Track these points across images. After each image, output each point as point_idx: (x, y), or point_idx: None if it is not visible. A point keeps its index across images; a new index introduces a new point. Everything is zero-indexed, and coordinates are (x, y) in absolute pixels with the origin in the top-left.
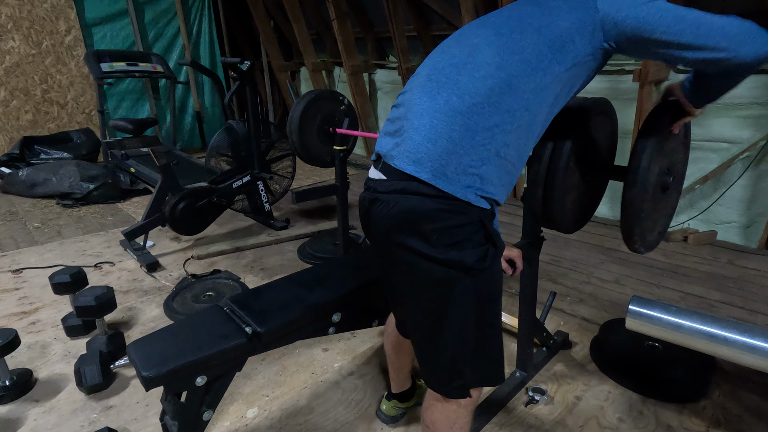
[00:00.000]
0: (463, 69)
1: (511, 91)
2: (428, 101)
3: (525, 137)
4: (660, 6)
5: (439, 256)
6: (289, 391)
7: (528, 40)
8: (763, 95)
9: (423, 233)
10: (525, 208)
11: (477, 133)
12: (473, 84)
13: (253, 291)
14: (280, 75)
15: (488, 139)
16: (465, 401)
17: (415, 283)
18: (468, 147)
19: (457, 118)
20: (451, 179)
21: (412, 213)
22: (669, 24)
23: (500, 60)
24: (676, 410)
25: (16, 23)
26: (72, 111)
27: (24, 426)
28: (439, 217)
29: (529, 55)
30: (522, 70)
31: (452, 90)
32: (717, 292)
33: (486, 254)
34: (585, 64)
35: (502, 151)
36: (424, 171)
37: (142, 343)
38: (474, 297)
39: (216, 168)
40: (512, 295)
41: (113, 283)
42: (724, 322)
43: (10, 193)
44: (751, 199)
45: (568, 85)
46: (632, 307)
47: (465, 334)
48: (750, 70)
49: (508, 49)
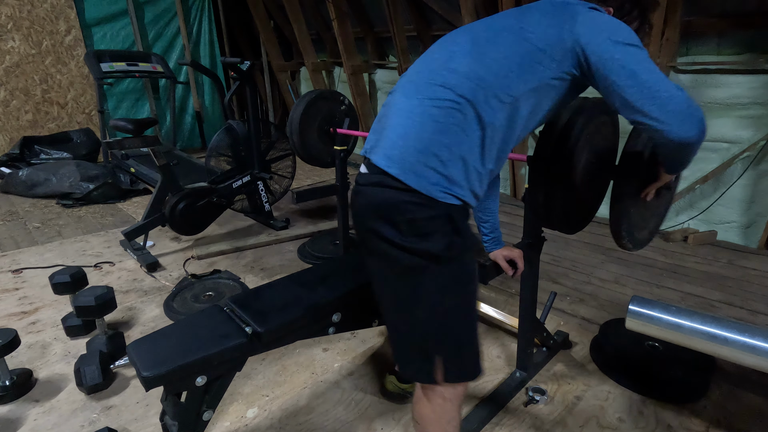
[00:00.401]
0: (437, 74)
1: (478, 101)
2: (405, 102)
3: (492, 147)
4: (626, 55)
5: (408, 245)
6: (289, 391)
7: (499, 53)
8: (763, 95)
9: (394, 223)
10: (526, 208)
11: (445, 135)
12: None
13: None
14: (280, 75)
15: (456, 143)
16: (449, 394)
17: (388, 270)
18: (435, 148)
19: (428, 119)
20: (419, 176)
21: (385, 204)
22: (621, 75)
23: (469, 70)
24: (676, 410)
25: (16, 23)
26: (72, 111)
27: (24, 426)
28: (407, 209)
29: (497, 69)
30: (492, 82)
31: (424, 93)
32: (717, 292)
33: (451, 244)
34: (552, 87)
35: (467, 157)
36: (394, 166)
37: (142, 343)
38: (441, 286)
39: (216, 168)
40: (512, 295)
41: (113, 283)
42: (724, 322)
43: (10, 193)
44: (751, 199)
45: (535, 104)
46: (632, 307)
47: (432, 321)
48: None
49: (478, 61)
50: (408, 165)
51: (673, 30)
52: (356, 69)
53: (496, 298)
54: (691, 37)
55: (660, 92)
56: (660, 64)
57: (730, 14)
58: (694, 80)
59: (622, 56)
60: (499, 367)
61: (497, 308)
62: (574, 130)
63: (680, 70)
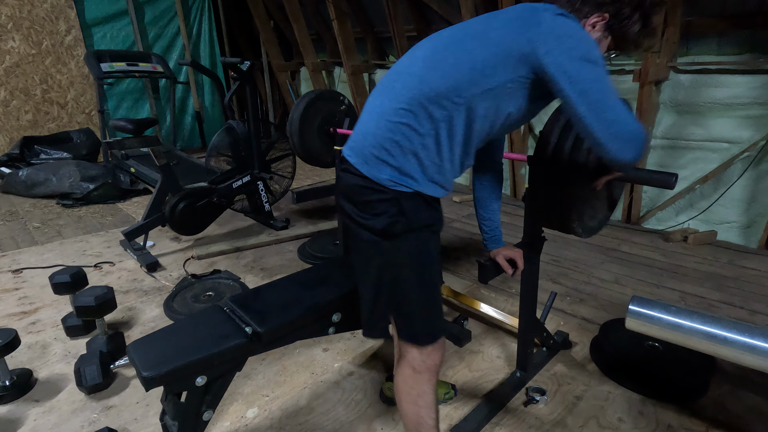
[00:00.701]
0: (399, 77)
1: (429, 103)
2: (372, 102)
3: (448, 146)
4: (581, 71)
5: (362, 221)
6: (289, 391)
7: (455, 59)
8: (763, 95)
9: (354, 203)
10: (526, 208)
11: (396, 133)
12: (401, 91)
13: (253, 291)
14: (280, 75)
15: (406, 140)
16: (418, 365)
17: (353, 243)
18: (387, 144)
19: (382, 118)
20: (371, 166)
21: (348, 187)
22: (572, 91)
23: (424, 74)
24: (676, 410)
25: (16, 23)
26: (72, 111)
27: (24, 426)
28: (363, 192)
29: (449, 73)
30: (441, 86)
31: (387, 94)
32: (717, 292)
33: (395, 223)
34: (510, 90)
35: (420, 153)
36: (353, 157)
37: (142, 343)
38: (388, 259)
39: (216, 168)
40: (512, 295)
41: (113, 283)
42: (724, 322)
43: (10, 193)
44: (751, 199)
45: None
46: (632, 307)
47: (384, 285)
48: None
49: (433, 65)
50: (363, 157)
51: (673, 30)
52: (356, 69)
53: (496, 298)
54: (691, 37)
55: (605, 113)
56: (660, 64)
57: (730, 14)
58: (694, 80)
59: (577, 72)
60: (499, 367)
61: (497, 308)
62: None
63: (680, 70)
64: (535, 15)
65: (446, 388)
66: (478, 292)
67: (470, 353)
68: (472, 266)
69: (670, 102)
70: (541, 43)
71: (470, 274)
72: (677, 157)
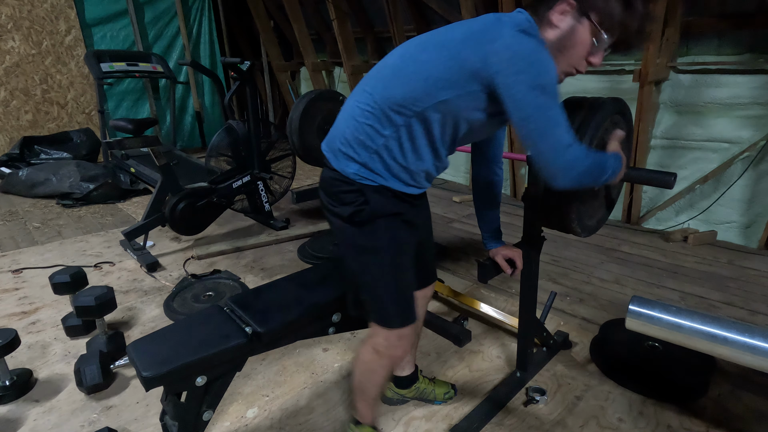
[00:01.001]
0: (370, 81)
1: (389, 109)
2: (347, 102)
3: (411, 149)
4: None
5: (332, 209)
6: (289, 391)
7: (414, 68)
8: (763, 95)
9: (328, 194)
10: (525, 208)
11: (361, 133)
12: (369, 95)
13: (253, 291)
14: (280, 75)
15: (369, 140)
16: (382, 347)
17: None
18: (354, 142)
19: (351, 118)
20: (340, 161)
21: (323, 180)
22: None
23: (388, 81)
24: (676, 410)
25: (16, 23)
26: (72, 111)
27: (24, 426)
28: (333, 184)
29: (407, 82)
30: (399, 95)
31: (357, 96)
32: (717, 292)
33: (358, 212)
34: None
35: (382, 153)
36: (327, 152)
37: (142, 343)
38: (354, 244)
39: (216, 168)
40: (512, 295)
41: (113, 283)
42: (724, 322)
43: (10, 193)
44: (751, 199)
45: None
46: (632, 307)
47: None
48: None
49: (396, 73)
50: (334, 152)
51: (673, 30)
52: (356, 69)
53: (496, 298)
54: (691, 37)
55: (541, 144)
56: (660, 64)
57: (730, 14)
58: (694, 80)
59: (523, 97)
60: (499, 367)
61: (497, 308)
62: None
63: (680, 70)
64: (495, 29)
65: (446, 388)
66: (478, 292)
67: (470, 353)
68: (472, 266)
69: (670, 102)
70: (493, 62)
71: (470, 274)
72: (677, 157)
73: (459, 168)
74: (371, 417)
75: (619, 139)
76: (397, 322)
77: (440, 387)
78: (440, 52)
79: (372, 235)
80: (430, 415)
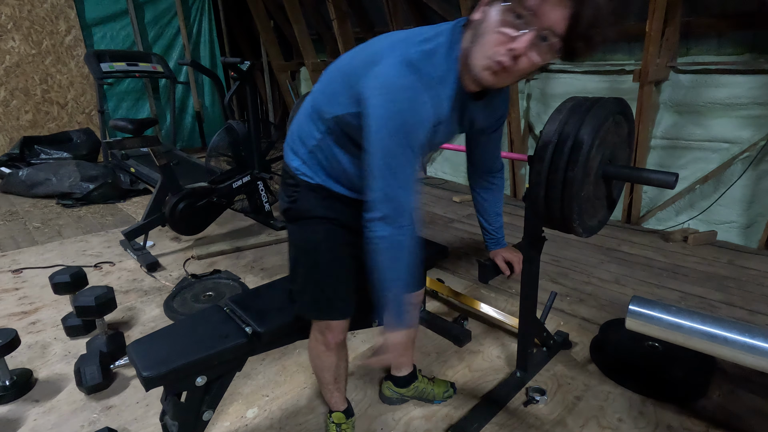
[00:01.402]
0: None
1: (317, 114)
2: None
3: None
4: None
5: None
6: (289, 391)
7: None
8: (763, 95)
9: (281, 184)
10: (526, 208)
11: (303, 132)
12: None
13: (253, 291)
14: (280, 75)
15: (309, 139)
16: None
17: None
18: (297, 142)
19: (300, 116)
20: (289, 158)
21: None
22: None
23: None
24: (676, 410)
25: (16, 23)
26: (72, 111)
27: (24, 426)
28: (284, 176)
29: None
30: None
31: (308, 97)
32: (717, 292)
33: (288, 210)
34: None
35: (317, 153)
36: (285, 146)
37: (142, 343)
38: (291, 239)
39: (216, 168)
40: (512, 295)
41: (113, 283)
42: (724, 322)
43: (10, 193)
44: (751, 199)
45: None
46: (632, 307)
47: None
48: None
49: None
50: (287, 146)
51: (673, 30)
52: None
53: (496, 298)
54: (691, 37)
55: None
56: (660, 64)
57: (730, 14)
58: (694, 80)
59: (371, 132)
60: (499, 367)
61: (497, 308)
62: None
63: (680, 70)
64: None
65: (445, 387)
66: (478, 292)
67: (470, 353)
68: (472, 266)
69: (670, 102)
70: (367, 88)
71: (470, 274)
72: (677, 157)
73: (459, 168)
74: (339, 403)
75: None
76: (313, 315)
77: (439, 386)
78: (351, 61)
79: (300, 233)
80: (430, 415)
